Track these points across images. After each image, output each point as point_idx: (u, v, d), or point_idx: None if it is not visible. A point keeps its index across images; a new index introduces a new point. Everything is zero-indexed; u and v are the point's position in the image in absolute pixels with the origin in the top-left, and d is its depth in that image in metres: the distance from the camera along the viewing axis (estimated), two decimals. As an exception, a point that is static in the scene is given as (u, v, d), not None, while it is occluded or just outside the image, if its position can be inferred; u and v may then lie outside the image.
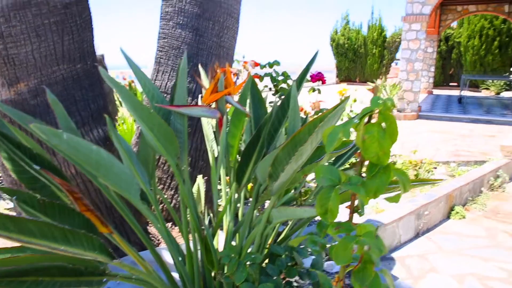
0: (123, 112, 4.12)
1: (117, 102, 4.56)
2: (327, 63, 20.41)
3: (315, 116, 1.99)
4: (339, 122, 0.89)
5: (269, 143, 1.48)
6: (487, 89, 14.27)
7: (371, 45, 18.64)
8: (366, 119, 0.80)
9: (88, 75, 1.90)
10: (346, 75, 19.55)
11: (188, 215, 1.41)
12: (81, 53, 1.85)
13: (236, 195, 1.59)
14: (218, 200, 1.64)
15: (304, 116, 2.29)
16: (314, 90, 2.53)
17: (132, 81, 6.21)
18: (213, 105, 1.35)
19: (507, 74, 14.78)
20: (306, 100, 3.37)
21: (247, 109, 1.60)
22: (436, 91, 15.43)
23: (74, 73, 1.83)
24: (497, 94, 13.56)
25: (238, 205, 1.73)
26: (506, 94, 13.44)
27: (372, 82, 18.93)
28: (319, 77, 2.41)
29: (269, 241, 1.61)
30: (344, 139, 0.82)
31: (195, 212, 1.38)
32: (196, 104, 2.23)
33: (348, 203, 0.91)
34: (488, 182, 3.95)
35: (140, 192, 1.24)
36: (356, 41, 18.98)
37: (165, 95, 2.34)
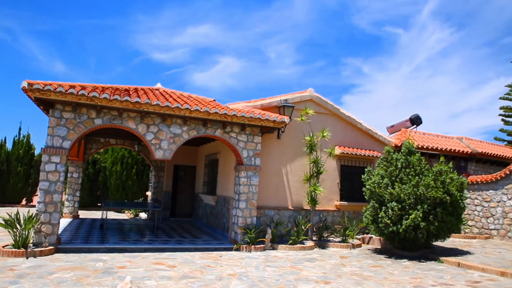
0: None
1: None
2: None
3: None
4: None
5: None
6: (128, 211, 15.93)
7: (16, 163, 17.26)
8: None
9: None
10: (-20, 194, 16.83)
11: None
12: None
13: None
14: None
15: None
16: None
17: None
18: None
19: (142, 199, 17.21)
20: None
21: None
22: (84, 213, 15.74)
23: None
24: (136, 215, 15.38)
25: None
26: (142, 215, 15.45)
27: (15, 203, 17.16)
28: None
29: None
30: None
31: None
32: None
33: None
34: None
35: None
36: (-4, 157, 17.08)
37: None
